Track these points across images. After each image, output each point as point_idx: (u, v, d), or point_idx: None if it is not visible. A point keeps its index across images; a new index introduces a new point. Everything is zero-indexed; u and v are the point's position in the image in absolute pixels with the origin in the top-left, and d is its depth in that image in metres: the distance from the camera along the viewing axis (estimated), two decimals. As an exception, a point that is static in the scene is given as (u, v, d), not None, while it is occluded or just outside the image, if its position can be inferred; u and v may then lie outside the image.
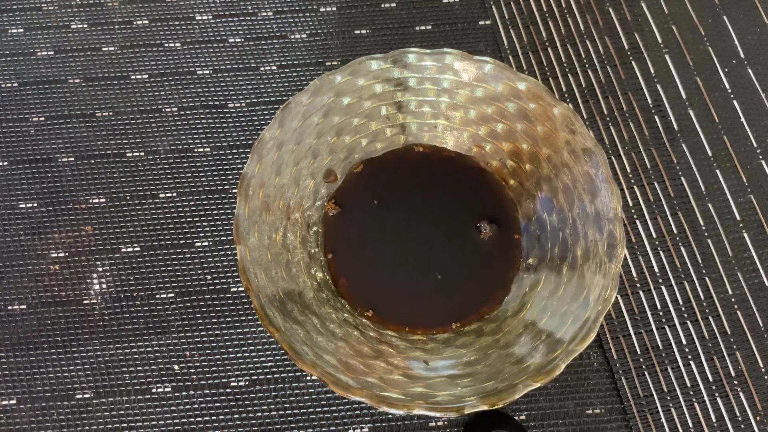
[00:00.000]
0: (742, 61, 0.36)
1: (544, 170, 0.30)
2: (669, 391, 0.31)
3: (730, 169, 0.34)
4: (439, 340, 0.29)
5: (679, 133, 0.35)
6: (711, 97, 0.35)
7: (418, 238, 0.30)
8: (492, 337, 0.28)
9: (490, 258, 0.30)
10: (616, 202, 0.27)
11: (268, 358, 0.31)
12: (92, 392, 0.30)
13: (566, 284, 0.28)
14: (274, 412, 0.30)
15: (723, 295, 0.32)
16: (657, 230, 0.33)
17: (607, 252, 0.27)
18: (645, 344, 0.31)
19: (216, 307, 0.32)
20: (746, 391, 0.31)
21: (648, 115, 0.35)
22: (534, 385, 0.25)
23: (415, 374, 0.27)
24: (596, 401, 0.31)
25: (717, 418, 0.30)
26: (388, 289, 0.30)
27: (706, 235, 0.33)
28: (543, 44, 0.36)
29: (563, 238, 0.29)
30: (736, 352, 0.31)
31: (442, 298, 0.30)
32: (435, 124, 0.32)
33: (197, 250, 0.32)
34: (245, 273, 0.26)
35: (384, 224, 0.31)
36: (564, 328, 0.26)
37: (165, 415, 0.30)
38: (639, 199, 0.33)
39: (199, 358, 0.31)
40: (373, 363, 0.27)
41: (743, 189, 0.34)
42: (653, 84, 0.35)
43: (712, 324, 0.32)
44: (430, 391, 0.26)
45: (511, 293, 0.30)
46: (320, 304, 0.29)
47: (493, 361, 0.27)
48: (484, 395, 0.25)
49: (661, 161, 0.34)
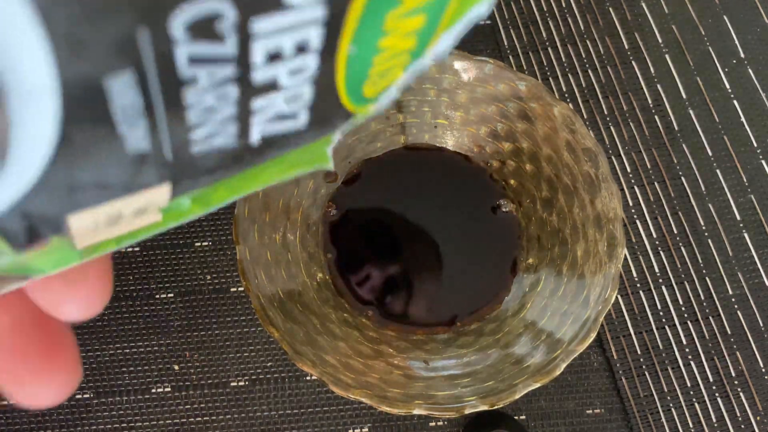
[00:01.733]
0: (742, 60, 0.36)
1: (545, 170, 0.30)
2: (669, 390, 0.31)
3: (730, 168, 0.34)
4: (439, 340, 0.29)
5: (679, 133, 0.35)
6: (711, 97, 0.35)
7: (417, 238, 0.30)
8: (492, 337, 0.28)
9: (490, 258, 0.30)
10: (617, 202, 0.27)
11: (267, 358, 0.31)
12: (92, 392, 0.30)
13: (566, 284, 0.28)
14: (273, 411, 0.30)
15: (723, 295, 0.32)
16: (657, 230, 0.33)
17: (608, 252, 0.27)
18: (645, 344, 0.31)
19: (216, 307, 0.32)
20: (746, 391, 0.31)
21: (648, 115, 0.35)
22: (534, 385, 0.25)
23: (415, 374, 0.27)
24: (596, 401, 0.31)
25: (717, 418, 0.30)
26: (387, 289, 0.30)
27: (706, 235, 0.33)
28: (543, 44, 0.36)
29: (563, 238, 0.29)
30: (736, 352, 0.31)
31: (442, 298, 0.30)
32: (435, 124, 0.32)
33: (197, 250, 0.32)
34: (245, 273, 0.26)
35: (384, 224, 0.31)
36: (564, 328, 0.26)
37: (165, 415, 0.30)
38: (639, 199, 0.33)
39: (198, 358, 0.31)
40: (373, 363, 0.27)
41: (743, 189, 0.34)
42: (653, 84, 0.35)
43: (712, 324, 0.32)
44: (429, 391, 0.26)
45: (511, 293, 0.30)
46: (320, 304, 0.29)
47: (493, 361, 0.27)
48: (484, 395, 0.25)
49: (662, 161, 0.34)
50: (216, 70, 0.08)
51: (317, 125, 0.10)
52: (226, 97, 0.08)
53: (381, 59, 0.10)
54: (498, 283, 0.30)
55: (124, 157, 0.08)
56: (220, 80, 0.08)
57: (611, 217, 0.27)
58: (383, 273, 0.30)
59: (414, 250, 0.30)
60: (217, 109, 0.08)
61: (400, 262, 0.30)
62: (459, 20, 0.10)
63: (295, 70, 0.09)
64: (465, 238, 0.31)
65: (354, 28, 0.09)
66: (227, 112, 0.09)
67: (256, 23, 0.08)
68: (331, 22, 0.08)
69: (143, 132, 0.08)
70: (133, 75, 0.07)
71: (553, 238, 0.30)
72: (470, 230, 0.31)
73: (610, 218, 0.27)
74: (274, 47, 0.08)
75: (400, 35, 0.09)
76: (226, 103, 0.08)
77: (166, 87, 0.08)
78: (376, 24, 0.09)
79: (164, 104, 0.08)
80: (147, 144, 0.08)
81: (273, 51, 0.08)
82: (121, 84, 0.07)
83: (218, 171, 0.09)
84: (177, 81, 0.08)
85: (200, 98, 0.08)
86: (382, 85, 0.10)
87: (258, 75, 0.08)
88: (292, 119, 0.09)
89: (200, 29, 0.07)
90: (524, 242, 0.31)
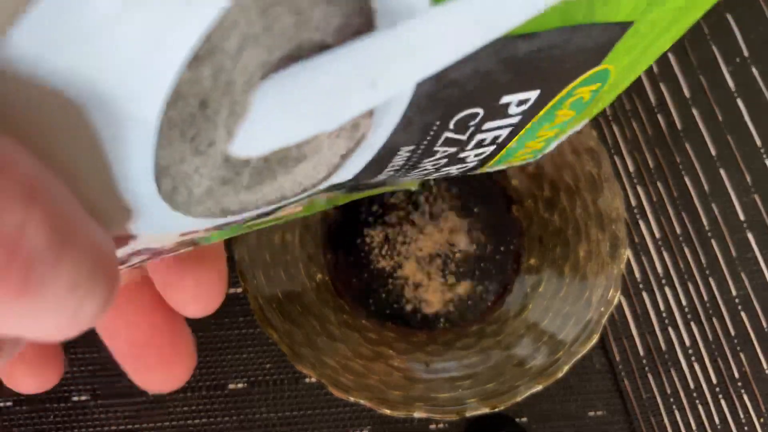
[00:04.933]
0: (746, 59, 0.36)
1: (547, 170, 0.30)
2: (672, 392, 0.30)
3: (734, 168, 0.34)
4: (439, 342, 0.29)
5: (682, 133, 0.34)
6: (715, 95, 0.35)
7: (418, 238, 0.30)
8: (493, 339, 0.28)
9: (491, 259, 0.30)
10: (619, 202, 0.27)
11: (266, 359, 0.31)
12: (89, 394, 0.30)
13: (568, 285, 0.28)
14: (272, 414, 0.30)
15: (727, 296, 0.32)
16: (660, 230, 0.33)
17: (610, 252, 0.26)
18: (648, 345, 0.31)
19: (214, 308, 0.31)
20: (749, 393, 0.30)
21: (651, 115, 0.35)
22: (536, 387, 0.24)
23: (416, 376, 0.27)
24: (599, 403, 0.30)
25: (720, 420, 0.30)
26: (388, 290, 0.30)
27: (709, 235, 0.33)
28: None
29: (565, 238, 0.29)
30: (739, 354, 0.31)
31: (443, 299, 0.30)
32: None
33: (195, 250, 0.32)
34: (243, 274, 0.25)
35: (384, 224, 0.30)
36: (566, 329, 0.26)
37: (162, 417, 0.30)
38: (642, 199, 0.33)
39: (196, 360, 0.31)
40: (373, 365, 0.27)
41: (747, 189, 0.33)
42: (656, 83, 0.35)
43: (715, 325, 0.31)
44: (430, 393, 0.26)
45: (512, 294, 0.30)
46: (319, 305, 0.28)
47: (494, 362, 0.27)
48: (485, 397, 0.25)
49: (665, 161, 0.34)
50: (449, 149, 0.12)
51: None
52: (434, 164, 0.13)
53: (521, 152, 0.14)
54: (500, 283, 0.30)
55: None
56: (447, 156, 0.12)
57: (614, 218, 0.27)
58: (383, 274, 0.30)
59: (414, 251, 0.30)
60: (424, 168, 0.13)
61: (400, 262, 0.30)
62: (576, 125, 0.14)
63: (479, 154, 0.13)
64: (466, 238, 0.30)
65: (521, 134, 0.12)
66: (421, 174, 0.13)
67: (487, 123, 0.11)
68: (517, 126, 0.12)
69: (387, 177, 0.13)
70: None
71: (555, 239, 0.29)
72: (471, 230, 0.30)
73: (612, 218, 0.27)
74: (483, 138, 0.12)
75: (541, 140, 0.13)
76: (428, 167, 0.13)
77: (425, 156, 0.12)
78: (533, 133, 0.13)
79: (408, 169, 0.12)
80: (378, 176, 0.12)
81: (481, 140, 0.12)
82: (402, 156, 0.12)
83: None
84: (431, 153, 0.12)
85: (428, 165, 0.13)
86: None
87: (463, 154, 0.12)
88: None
89: (461, 124, 0.11)
90: (526, 243, 0.30)
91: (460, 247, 0.30)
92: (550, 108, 0.12)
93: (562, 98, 0.12)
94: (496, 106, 0.11)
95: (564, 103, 0.12)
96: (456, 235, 0.30)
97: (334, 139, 0.10)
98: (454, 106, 0.10)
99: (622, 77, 0.13)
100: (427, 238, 0.30)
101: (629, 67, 0.12)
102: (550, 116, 0.12)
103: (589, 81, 0.12)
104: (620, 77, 0.13)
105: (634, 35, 0.11)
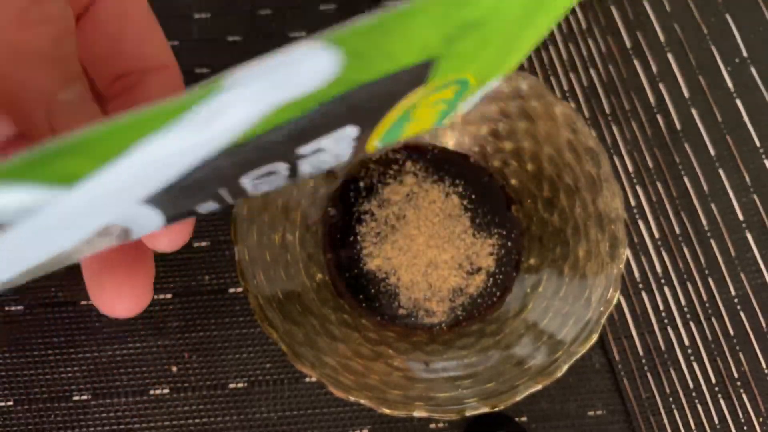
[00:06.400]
0: (745, 59, 0.36)
1: (546, 170, 0.30)
2: (671, 392, 0.30)
3: (733, 168, 0.34)
4: (439, 341, 0.29)
5: (681, 133, 0.34)
6: (714, 96, 0.35)
7: (418, 239, 0.30)
8: (493, 338, 0.28)
9: (491, 258, 0.30)
10: (619, 202, 0.27)
11: (266, 359, 0.31)
12: (89, 394, 0.30)
13: (568, 285, 0.28)
14: (272, 413, 0.30)
15: (726, 295, 0.32)
16: (659, 230, 0.33)
17: (610, 252, 0.26)
18: (647, 345, 0.31)
19: (214, 307, 0.31)
20: (749, 393, 0.30)
21: (650, 115, 0.35)
22: (535, 387, 0.24)
23: (416, 376, 0.27)
24: (598, 403, 0.30)
25: (719, 420, 0.30)
26: (388, 289, 0.30)
27: (708, 235, 0.33)
28: (544, 43, 0.36)
29: (565, 238, 0.29)
30: (738, 353, 0.31)
31: (443, 298, 0.30)
32: (435, 124, 0.31)
33: (195, 250, 0.32)
34: (243, 273, 0.25)
35: (384, 224, 0.30)
36: (566, 329, 0.26)
37: (162, 417, 0.30)
38: (641, 199, 0.33)
39: (197, 360, 0.31)
40: (373, 364, 0.27)
41: (746, 189, 0.33)
42: (656, 83, 0.35)
43: (714, 325, 0.31)
44: (430, 392, 0.26)
45: (512, 294, 0.30)
46: (319, 305, 0.28)
47: (494, 362, 0.27)
48: (485, 397, 0.25)
49: (664, 161, 0.34)
50: (273, 179, 0.12)
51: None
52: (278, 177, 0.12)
53: (409, 127, 0.13)
54: (499, 283, 0.30)
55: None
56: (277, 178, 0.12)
57: (613, 218, 0.27)
58: (383, 273, 0.30)
59: (414, 250, 0.30)
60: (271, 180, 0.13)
61: (400, 262, 0.30)
62: (482, 88, 0.13)
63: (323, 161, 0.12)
64: (466, 238, 0.30)
65: (380, 131, 0.12)
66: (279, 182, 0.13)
67: (305, 160, 0.11)
68: (358, 140, 0.12)
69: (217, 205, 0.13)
70: (216, 203, 0.13)
71: (554, 239, 0.29)
72: (471, 230, 0.30)
73: (612, 218, 0.27)
74: (316, 161, 0.12)
75: (428, 105, 0.12)
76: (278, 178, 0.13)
77: (235, 194, 0.12)
78: (401, 125, 0.12)
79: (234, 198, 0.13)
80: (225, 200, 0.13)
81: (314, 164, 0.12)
82: (208, 207, 0.13)
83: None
84: (242, 192, 0.12)
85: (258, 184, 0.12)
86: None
87: (306, 164, 0.12)
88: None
89: (263, 173, 0.11)
90: (525, 242, 0.30)
91: (460, 246, 0.30)
92: (396, 120, 0.11)
93: (408, 110, 0.11)
94: (298, 154, 0.11)
95: (414, 112, 0.11)
96: (455, 234, 0.30)
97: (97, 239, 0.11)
98: (234, 176, 0.11)
99: (490, 66, 0.11)
100: (427, 238, 0.30)
101: (497, 55, 0.11)
102: (406, 116, 0.11)
103: (439, 89, 0.11)
104: (486, 68, 0.11)
105: (462, 51, 0.09)
